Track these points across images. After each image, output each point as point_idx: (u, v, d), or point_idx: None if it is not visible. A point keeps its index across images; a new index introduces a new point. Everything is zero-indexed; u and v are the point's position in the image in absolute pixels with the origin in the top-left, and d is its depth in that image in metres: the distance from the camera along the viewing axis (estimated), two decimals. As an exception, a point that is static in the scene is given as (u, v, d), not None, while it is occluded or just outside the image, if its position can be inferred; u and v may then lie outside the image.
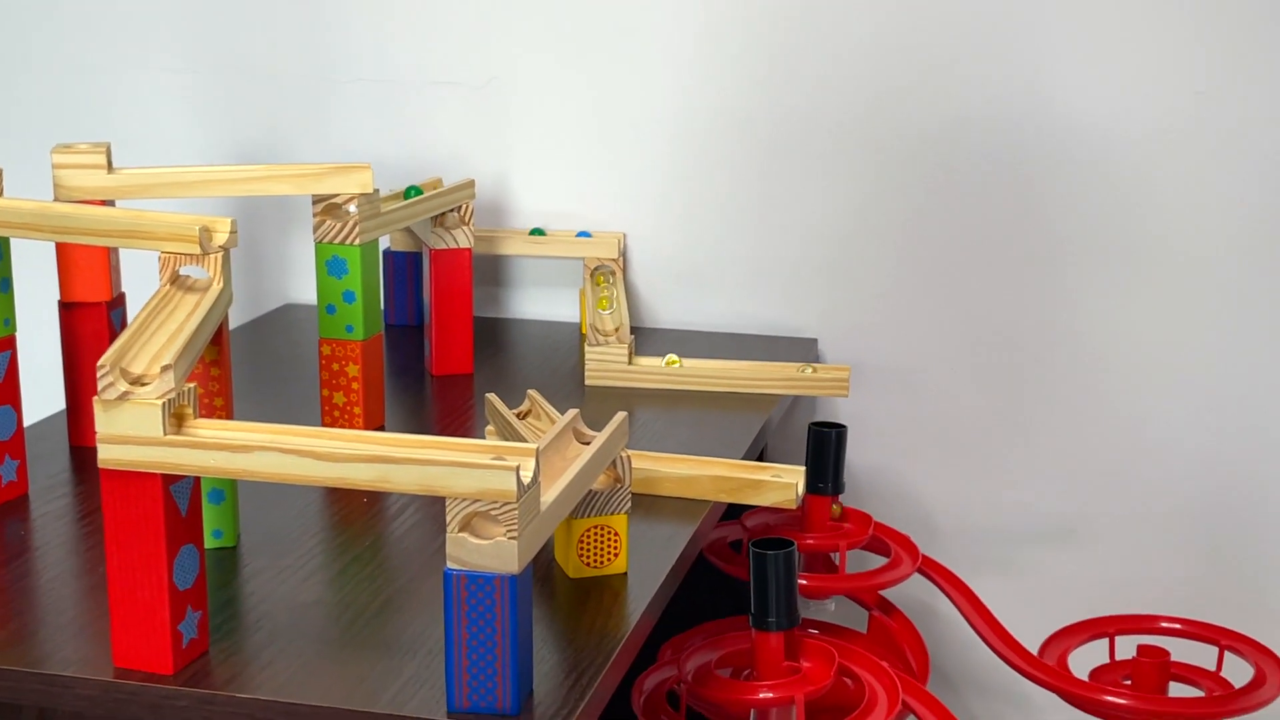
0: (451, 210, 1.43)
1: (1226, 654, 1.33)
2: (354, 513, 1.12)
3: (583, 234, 1.57)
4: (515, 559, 0.81)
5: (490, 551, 0.81)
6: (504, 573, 0.82)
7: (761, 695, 1.15)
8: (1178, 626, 1.37)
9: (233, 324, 1.67)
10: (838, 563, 1.36)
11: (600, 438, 0.99)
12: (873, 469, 1.62)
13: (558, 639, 0.93)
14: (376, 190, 1.25)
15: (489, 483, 0.81)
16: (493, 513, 0.81)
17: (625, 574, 1.02)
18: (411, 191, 1.40)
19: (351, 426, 1.26)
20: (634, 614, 0.97)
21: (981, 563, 1.60)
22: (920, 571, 1.42)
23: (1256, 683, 1.28)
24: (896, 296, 1.58)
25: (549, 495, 0.88)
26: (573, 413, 1.03)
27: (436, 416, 1.38)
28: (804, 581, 1.37)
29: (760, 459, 1.31)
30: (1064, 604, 1.50)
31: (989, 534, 1.60)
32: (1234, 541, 1.54)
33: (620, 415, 1.03)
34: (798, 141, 1.57)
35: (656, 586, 1.00)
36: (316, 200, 1.24)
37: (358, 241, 1.24)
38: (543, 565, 1.03)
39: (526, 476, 0.82)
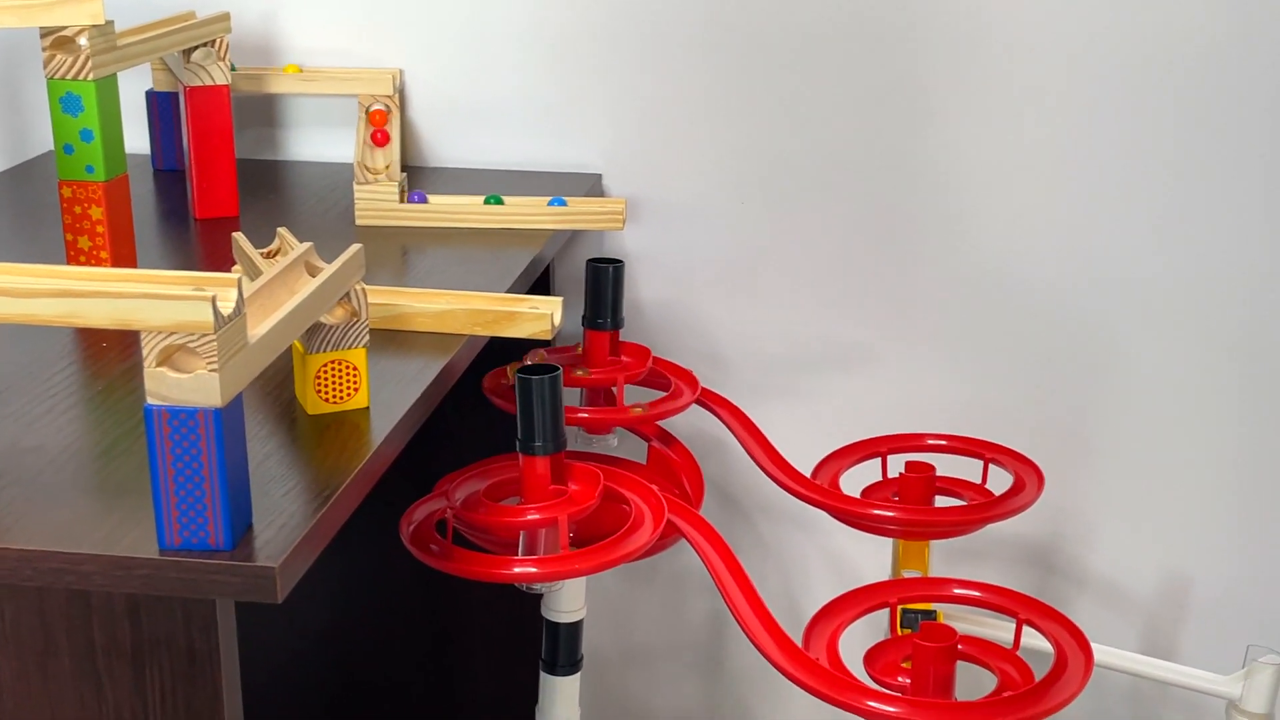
0: (204, 45, 1.37)
1: (990, 466, 1.37)
2: (92, 357, 1.08)
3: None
4: (217, 392, 0.79)
5: (190, 385, 0.79)
6: (207, 406, 0.80)
7: (527, 517, 1.16)
8: (944, 443, 1.40)
9: (-8, 172, 1.60)
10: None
11: (327, 270, 0.96)
12: (660, 303, 1.62)
13: (289, 474, 0.92)
14: (110, 22, 1.19)
15: (184, 315, 0.78)
16: (191, 345, 0.79)
17: (367, 409, 1.01)
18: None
19: (100, 272, 1.21)
20: (371, 447, 0.96)
21: (768, 392, 1.62)
22: (699, 402, 1.43)
23: (1015, 490, 1.32)
24: (682, 130, 1.56)
25: (261, 328, 0.86)
26: (305, 246, 1.00)
27: (199, 260, 1.34)
28: (584, 414, 1.38)
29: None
30: (848, 427, 1.52)
31: (775, 363, 1.62)
32: (1004, 361, 1.58)
33: (354, 247, 1.00)
34: (576, -30, 1.53)
35: (397, 420, 0.99)
36: (45, 34, 1.17)
37: (92, 77, 1.18)
38: (283, 402, 1.02)
39: (226, 308, 0.80)
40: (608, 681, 1.76)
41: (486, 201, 1.40)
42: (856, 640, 1.17)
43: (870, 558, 1.62)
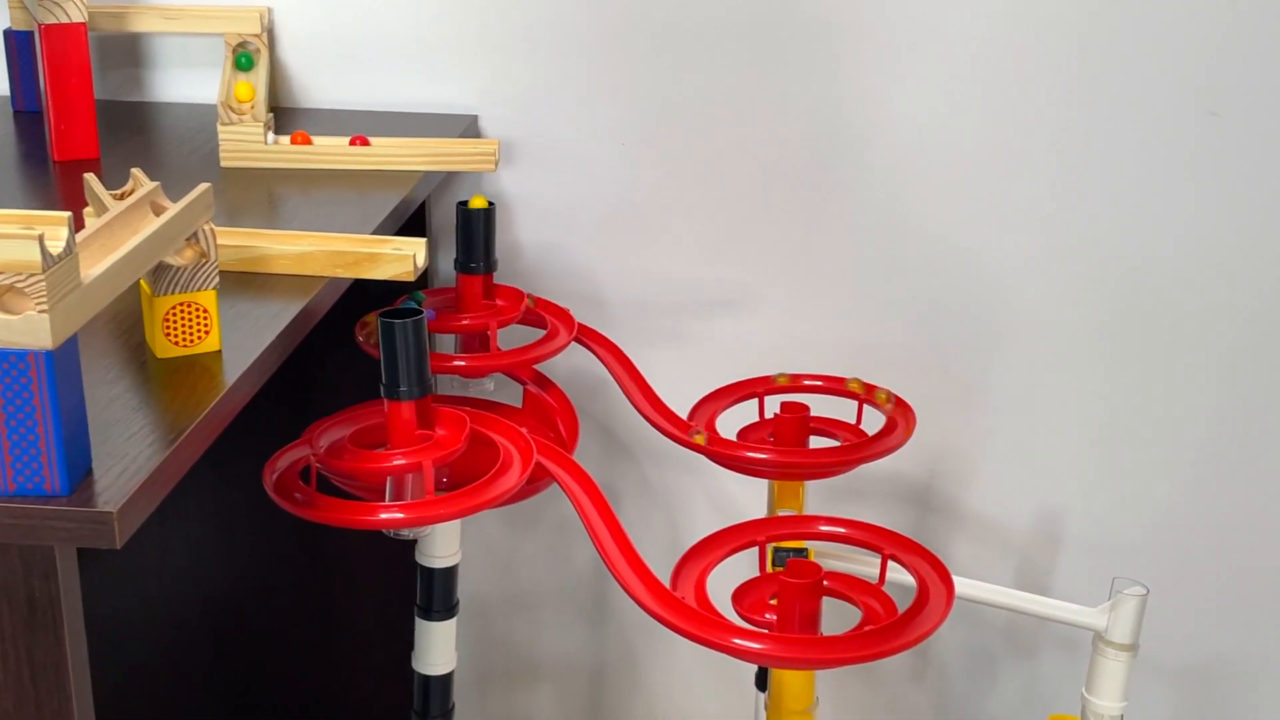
0: (58, -20, 1.33)
1: (865, 406, 1.38)
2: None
3: None
4: (48, 334, 0.77)
5: (20, 327, 0.77)
6: (38, 348, 0.77)
7: (391, 463, 1.14)
8: (820, 384, 1.41)
9: None
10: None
11: (171, 210, 0.94)
12: (540, 246, 1.60)
13: (134, 418, 0.90)
14: (-49, -45, 1.15)
15: (10, 254, 0.76)
16: (19, 286, 0.77)
17: (219, 352, 0.99)
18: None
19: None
20: (221, 390, 0.94)
21: (650, 334, 1.61)
22: (579, 340, 1.43)
23: (887, 430, 1.33)
24: (561, 70, 1.54)
25: (97, 268, 0.83)
26: (151, 185, 0.97)
27: (57, 203, 1.30)
28: (460, 362, 1.36)
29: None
30: (730, 369, 1.52)
31: (656, 306, 1.61)
32: (884, 303, 1.59)
33: (201, 186, 0.98)
34: (448, -94, 1.50)
35: (250, 362, 0.97)
36: (-119, -33, 1.13)
37: (-67, 12, 1.14)
38: (132, 345, 0.99)
39: (56, 247, 0.77)
40: (492, 627, 1.76)
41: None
42: (734, 580, 1.17)
43: (754, 498, 1.62)
